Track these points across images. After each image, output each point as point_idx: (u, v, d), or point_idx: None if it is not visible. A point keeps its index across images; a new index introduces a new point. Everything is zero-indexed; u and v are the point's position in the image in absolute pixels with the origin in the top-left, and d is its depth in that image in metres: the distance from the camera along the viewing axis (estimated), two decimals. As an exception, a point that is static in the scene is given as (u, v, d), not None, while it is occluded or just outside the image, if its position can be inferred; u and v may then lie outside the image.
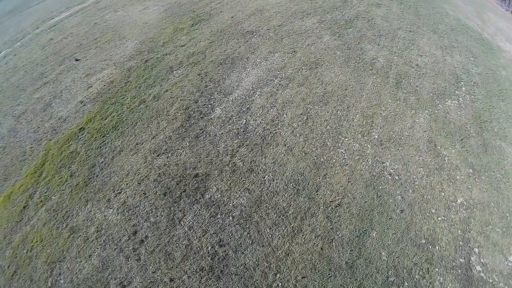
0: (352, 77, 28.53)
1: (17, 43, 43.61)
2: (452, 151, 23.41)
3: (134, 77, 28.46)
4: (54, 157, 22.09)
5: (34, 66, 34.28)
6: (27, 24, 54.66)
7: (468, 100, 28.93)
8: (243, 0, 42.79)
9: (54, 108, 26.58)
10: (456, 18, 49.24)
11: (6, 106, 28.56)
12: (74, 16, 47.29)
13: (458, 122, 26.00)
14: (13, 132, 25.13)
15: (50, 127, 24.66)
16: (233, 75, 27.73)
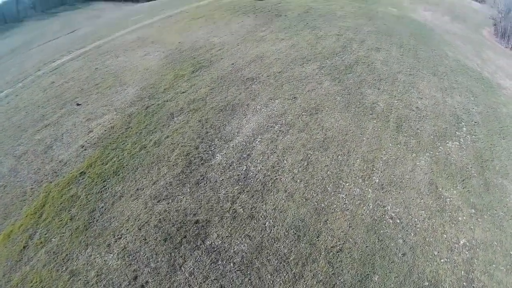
0: (352, 122, 30.41)
1: (19, 83, 46.22)
2: (454, 192, 24.55)
3: (135, 123, 30.18)
4: (55, 199, 23.16)
5: (35, 107, 36.26)
6: (29, 65, 57.68)
7: (469, 140, 30.64)
8: (243, 47, 45.74)
9: (55, 150, 28.01)
10: (455, 59, 52.61)
11: (7, 146, 30.14)
12: (75, 60, 50.19)
13: (459, 163, 27.41)
14: (14, 172, 26.42)
15: (51, 169, 25.89)
16: (233, 122, 29.57)
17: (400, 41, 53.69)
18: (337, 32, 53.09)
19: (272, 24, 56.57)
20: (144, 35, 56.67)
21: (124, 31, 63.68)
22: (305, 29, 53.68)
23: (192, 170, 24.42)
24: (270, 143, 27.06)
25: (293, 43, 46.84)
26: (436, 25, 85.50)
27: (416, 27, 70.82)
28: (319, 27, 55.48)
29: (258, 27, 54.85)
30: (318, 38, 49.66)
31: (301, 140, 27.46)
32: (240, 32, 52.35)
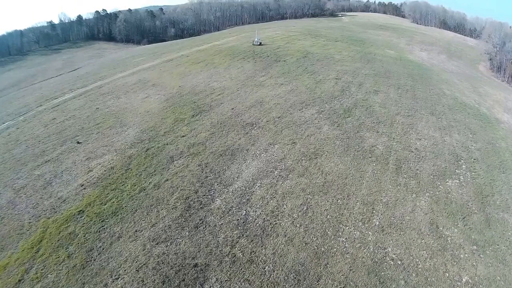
0: (351, 165, 31.46)
1: (20, 117, 47.97)
2: (455, 230, 25.17)
3: (134, 164, 31.12)
4: (52, 235, 23.65)
5: (36, 142, 37.53)
6: (30, 100, 59.90)
7: (469, 178, 31.69)
8: (243, 92, 47.69)
9: (54, 187, 28.83)
10: (453, 97, 54.82)
11: (7, 178, 31.01)
12: (77, 98, 52.15)
13: (459, 201, 28.23)
14: (12, 204, 27.12)
15: (49, 205, 26.61)
16: (233, 167, 30.56)
17: (398, 83, 56.28)
18: (336, 76, 55.56)
19: (271, 69, 59.27)
20: (145, 77, 58.94)
21: (125, 72, 66.23)
22: (304, 74, 56.17)
23: (192, 213, 25.09)
24: (270, 188, 27.91)
25: (292, 88, 49.03)
26: (433, 64, 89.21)
27: (413, 67, 74.23)
28: (317, 71, 58.01)
29: (258, 72, 57.45)
30: (317, 82, 51.92)
31: (301, 184, 28.32)
32: (239, 77, 54.72)
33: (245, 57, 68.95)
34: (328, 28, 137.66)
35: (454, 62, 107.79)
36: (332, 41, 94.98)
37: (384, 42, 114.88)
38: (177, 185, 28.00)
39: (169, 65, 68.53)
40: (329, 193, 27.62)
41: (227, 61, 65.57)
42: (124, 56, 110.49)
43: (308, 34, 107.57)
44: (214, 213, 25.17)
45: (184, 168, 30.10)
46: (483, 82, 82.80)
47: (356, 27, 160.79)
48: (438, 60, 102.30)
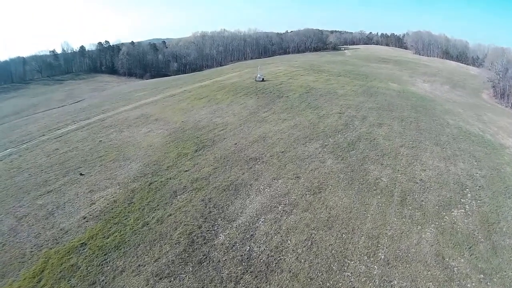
0: (356, 199, 32.11)
1: (23, 145, 49.31)
2: (461, 260, 25.42)
3: (137, 198, 31.91)
4: (54, 266, 24.09)
5: (38, 171, 38.47)
6: (33, 129, 61.58)
7: (474, 206, 32.12)
8: (246, 128, 49.08)
9: (57, 218, 29.51)
10: (457, 126, 56.10)
11: (9, 205, 31.79)
12: (80, 130, 53.68)
13: (465, 231, 28.57)
14: (14, 232, 27.74)
15: (51, 236, 27.18)
16: (237, 202, 31.30)
17: (401, 115, 57.75)
18: (339, 111, 57.06)
19: (274, 105, 60.97)
20: (147, 112, 60.60)
21: (128, 106, 68.01)
22: (307, 109, 57.77)
23: (195, 249, 25.59)
24: (274, 223, 28.50)
25: (295, 123, 50.43)
26: (436, 95, 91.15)
27: (416, 99, 75.99)
28: (320, 106, 59.60)
29: (260, 108, 59.14)
30: (320, 117, 53.34)
31: (305, 219, 28.90)
32: (242, 113, 56.32)
33: (247, 93, 70.93)
34: (331, 63, 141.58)
35: (458, 92, 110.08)
36: (335, 76, 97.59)
37: (387, 75, 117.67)
38: (181, 220, 28.62)
39: (171, 100, 70.35)
40: (334, 227, 28.10)
41: (229, 97, 67.45)
42: (127, 90, 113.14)
43: (311, 69, 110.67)
44: (218, 249, 25.61)
45: (187, 203, 30.85)
46: (487, 110, 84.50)
47: (359, 60, 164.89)
48: (441, 91, 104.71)
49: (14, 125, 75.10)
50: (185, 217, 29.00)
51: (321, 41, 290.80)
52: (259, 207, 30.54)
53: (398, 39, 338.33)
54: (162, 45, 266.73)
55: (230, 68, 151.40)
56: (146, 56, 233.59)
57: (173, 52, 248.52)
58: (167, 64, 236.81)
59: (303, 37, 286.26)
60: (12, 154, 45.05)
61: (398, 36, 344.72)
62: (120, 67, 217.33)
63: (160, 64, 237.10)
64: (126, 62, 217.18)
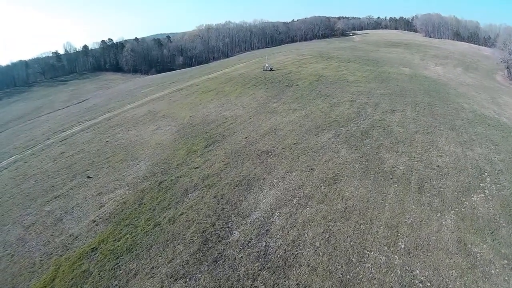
0: (372, 188, 31.46)
1: (28, 150, 49.51)
2: (484, 246, 24.82)
3: (148, 199, 31.62)
4: (65, 274, 23.92)
5: (45, 177, 38.46)
6: (38, 133, 61.98)
7: (494, 190, 31.41)
8: (256, 120, 48.52)
9: (65, 224, 29.37)
10: (472, 110, 55.19)
11: (15, 214, 31.79)
12: (85, 131, 53.70)
13: (486, 216, 27.92)
14: (22, 242, 27.65)
15: (60, 242, 27.03)
16: (250, 197, 30.84)
17: (414, 101, 56.81)
18: (350, 98, 56.21)
19: (284, 94, 60.33)
20: (154, 108, 60.43)
21: (134, 104, 67.98)
22: (318, 98, 56.99)
23: (209, 247, 25.26)
24: (289, 217, 28.02)
25: (306, 113, 49.72)
26: (450, 79, 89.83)
27: (429, 84, 74.90)
28: (331, 94, 58.78)
29: (270, 98, 58.53)
30: (332, 105, 52.57)
31: (321, 212, 28.41)
32: (252, 105, 55.82)
33: (256, 83, 70.33)
34: (340, 49, 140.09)
35: (471, 74, 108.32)
36: (345, 62, 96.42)
37: (397, 59, 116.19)
38: (193, 218, 28.28)
39: (178, 95, 70.13)
40: (351, 218, 27.58)
41: (238, 89, 66.96)
42: (132, 87, 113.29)
43: (320, 56, 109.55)
44: (233, 246, 25.27)
45: (199, 201, 30.49)
46: (502, 92, 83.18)
47: (368, 46, 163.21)
48: (454, 74, 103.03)
49: (19, 130, 75.88)
50: (198, 215, 28.63)
51: (328, 28, 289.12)
52: (273, 201, 30.05)
53: (407, 22, 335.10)
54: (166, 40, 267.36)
55: (237, 59, 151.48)
56: (151, 52, 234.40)
57: (178, 46, 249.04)
58: (172, 59, 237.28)
59: (310, 25, 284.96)
60: (17, 161, 45.25)
61: (407, 19, 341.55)
62: (124, 64, 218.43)
63: (165, 59, 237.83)
64: (131, 58, 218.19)
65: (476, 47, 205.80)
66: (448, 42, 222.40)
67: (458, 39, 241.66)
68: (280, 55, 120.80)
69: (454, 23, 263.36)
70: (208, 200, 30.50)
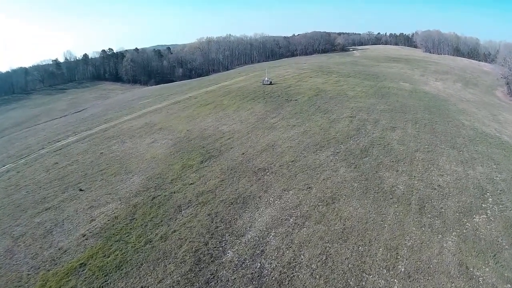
0: (372, 209, 30.67)
1: (22, 160, 48.91)
2: (486, 269, 24.07)
3: (140, 214, 30.78)
4: None
5: (37, 188, 37.74)
6: (33, 141, 61.67)
7: (496, 211, 30.65)
8: (253, 135, 47.95)
9: (55, 236, 28.54)
10: (473, 127, 54.71)
11: (5, 224, 30.95)
12: (81, 142, 53.15)
13: (488, 237, 27.14)
14: (10, 254, 26.81)
15: (49, 256, 26.17)
16: (245, 216, 30.03)
17: (415, 117, 56.32)
18: (350, 114, 55.79)
19: (283, 109, 59.86)
20: (151, 121, 59.92)
21: (131, 115, 67.58)
22: (317, 113, 56.52)
23: (202, 268, 24.43)
24: (285, 237, 27.21)
25: (305, 129, 49.18)
26: (450, 94, 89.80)
27: (429, 99, 74.59)
28: (331, 110, 58.36)
29: (268, 113, 58.02)
30: (331, 122, 52.08)
31: (318, 232, 27.61)
32: (250, 120, 55.27)
33: (255, 97, 70.03)
34: (340, 64, 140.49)
35: (471, 90, 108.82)
36: (345, 77, 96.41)
37: (397, 74, 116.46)
38: (186, 236, 27.44)
39: (176, 107, 69.76)
40: (349, 240, 26.79)
41: (236, 103, 66.57)
42: (131, 97, 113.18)
43: (320, 70, 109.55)
44: (226, 267, 24.43)
45: (192, 218, 29.67)
46: (502, 109, 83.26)
47: (368, 61, 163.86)
48: (454, 89, 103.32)
49: (14, 138, 75.46)
50: (191, 233, 27.79)
51: (329, 43, 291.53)
52: (269, 220, 29.24)
53: (407, 38, 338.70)
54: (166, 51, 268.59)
55: (237, 72, 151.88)
56: (151, 63, 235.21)
57: (178, 58, 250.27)
58: (172, 70, 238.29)
59: (311, 39, 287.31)
60: (10, 171, 44.62)
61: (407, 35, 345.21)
62: (124, 74, 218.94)
63: (165, 70, 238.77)
64: (130, 69, 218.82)
65: (476, 62, 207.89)
66: (448, 57, 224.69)
67: (458, 55, 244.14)
68: (280, 69, 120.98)
69: (454, 39, 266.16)
70: (201, 218, 29.68)
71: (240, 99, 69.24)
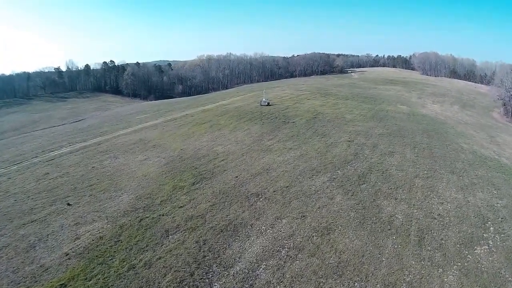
0: (369, 240, 28.81)
1: (14, 166, 47.60)
2: None
3: (125, 236, 28.93)
4: None
5: (25, 197, 36.27)
6: (28, 148, 60.79)
7: (498, 241, 29.06)
8: (248, 158, 46.32)
9: (38, 252, 26.85)
10: (471, 150, 53.45)
11: None
12: (74, 154, 51.68)
13: (491, 270, 25.61)
14: None
15: (30, 272, 24.51)
16: (235, 245, 28.10)
17: (413, 141, 55.09)
18: (348, 138, 54.39)
19: (280, 131, 58.44)
20: (146, 137, 58.53)
21: (127, 130, 66.40)
22: (314, 137, 55.08)
23: (186, 301, 22.46)
24: (277, 270, 25.33)
25: (301, 153, 47.56)
26: (447, 117, 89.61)
27: (428, 122, 73.80)
28: (328, 133, 57.02)
29: (265, 135, 56.56)
30: (328, 146, 50.57)
31: (312, 266, 25.74)
32: (245, 141, 53.76)
33: (252, 118, 68.88)
34: (338, 86, 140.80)
35: (468, 112, 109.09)
36: (343, 99, 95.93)
37: (395, 97, 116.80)
38: (171, 264, 25.49)
39: (172, 124, 68.54)
40: (345, 275, 24.95)
41: (233, 123, 65.39)
42: (129, 111, 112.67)
43: (318, 92, 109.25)
44: (212, 302, 22.44)
45: (179, 245, 27.71)
46: (500, 130, 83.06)
47: (366, 83, 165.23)
48: (451, 112, 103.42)
49: (10, 143, 74.89)
50: (176, 261, 25.84)
51: (327, 65, 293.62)
52: (260, 251, 27.28)
53: (405, 60, 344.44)
54: (167, 67, 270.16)
55: (236, 91, 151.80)
56: (151, 78, 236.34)
57: (179, 74, 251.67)
58: (172, 86, 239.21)
59: (310, 60, 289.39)
60: (1, 176, 43.40)
61: (404, 57, 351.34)
62: (124, 87, 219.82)
63: (165, 86, 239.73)
64: (131, 82, 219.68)
65: (472, 84, 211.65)
66: (445, 80, 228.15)
67: (454, 77, 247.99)
68: (278, 90, 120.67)
69: (451, 61, 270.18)
70: (189, 245, 27.71)
71: (236, 119, 68.07)
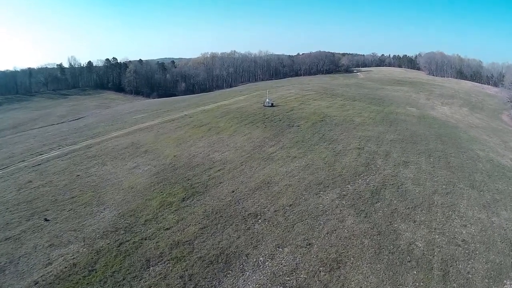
0: (386, 276, 23.76)
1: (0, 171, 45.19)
2: None
3: (101, 265, 24.53)
4: None
5: (3, 209, 33.31)
6: (18, 150, 58.56)
7: None
8: (247, 168, 41.55)
9: (7, 277, 23.53)
10: (488, 159, 49.03)
11: None
12: (61, 158, 48.57)
13: None
14: None
15: None
16: (226, 282, 23.11)
17: (427, 149, 50.50)
18: (358, 145, 49.50)
19: (283, 136, 53.77)
20: (139, 140, 54.61)
21: (121, 131, 62.85)
22: (321, 143, 50.27)
23: None
24: (276, 319, 20.52)
25: (307, 163, 42.63)
26: (458, 120, 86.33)
27: (439, 126, 69.65)
28: (336, 139, 52.22)
29: (267, 140, 51.90)
30: (336, 154, 45.70)
31: (319, 310, 20.84)
32: (245, 147, 49.12)
33: (254, 121, 64.54)
34: (344, 86, 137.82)
35: (477, 115, 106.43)
36: (350, 101, 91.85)
37: (403, 98, 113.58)
38: (149, 307, 20.88)
39: (168, 126, 64.55)
40: (358, 321, 20.02)
41: (233, 126, 61.01)
42: (128, 110, 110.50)
43: (324, 93, 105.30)
44: None
45: (160, 281, 22.86)
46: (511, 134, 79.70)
47: (373, 83, 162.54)
48: (461, 114, 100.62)
49: (5, 142, 73.76)
50: (156, 302, 21.19)
51: (333, 64, 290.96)
52: (256, 291, 22.40)
53: (410, 60, 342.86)
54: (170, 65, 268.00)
55: (239, 90, 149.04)
56: (154, 75, 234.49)
57: (182, 72, 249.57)
58: (175, 84, 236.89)
59: (315, 59, 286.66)
60: (-16, 182, 40.57)
61: (410, 57, 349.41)
62: (127, 85, 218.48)
63: (168, 83, 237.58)
64: (134, 80, 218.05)
65: (479, 85, 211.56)
66: (452, 80, 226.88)
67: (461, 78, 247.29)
68: (282, 89, 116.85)
69: (457, 62, 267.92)
70: (171, 281, 22.84)
71: (237, 122, 63.77)
